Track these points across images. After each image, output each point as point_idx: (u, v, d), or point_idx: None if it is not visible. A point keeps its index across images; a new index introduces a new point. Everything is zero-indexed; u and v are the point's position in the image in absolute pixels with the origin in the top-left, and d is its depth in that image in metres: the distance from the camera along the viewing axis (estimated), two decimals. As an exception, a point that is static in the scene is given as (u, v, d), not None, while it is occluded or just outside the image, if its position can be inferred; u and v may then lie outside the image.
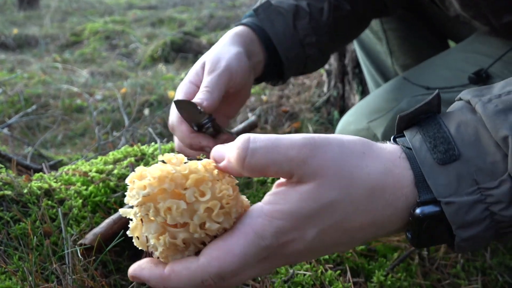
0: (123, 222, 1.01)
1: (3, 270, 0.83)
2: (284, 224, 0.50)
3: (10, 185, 0.99)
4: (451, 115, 0.55)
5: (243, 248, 0.49)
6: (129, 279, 0.89)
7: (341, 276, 0.96)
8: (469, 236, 0.51)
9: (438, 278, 1.05)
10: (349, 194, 0.51)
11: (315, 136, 0.52)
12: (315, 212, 0.50)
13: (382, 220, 0.53)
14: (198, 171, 0.50)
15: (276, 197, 0.51)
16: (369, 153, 0.53)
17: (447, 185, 0.50)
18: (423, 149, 0.52)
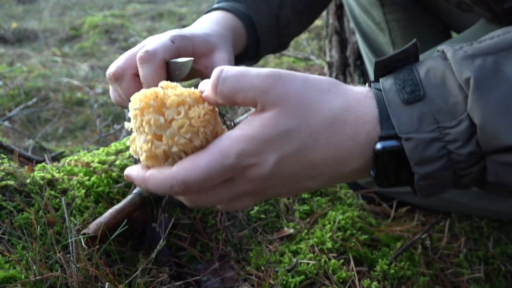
0: (126, 212, 1.01)
1: (7, 259, 0.83)
2: (246, 147, 0.54)
3: (13, 175, 0.99)
4: (424, 62, 0.57)
5: (207, 163, 0.54)
6: (132, 268, 0.89)
7: (344, 265, 0.96)
8: (426, 173, 0.53)
9: (441, 267, 1.05)
10: (308, 125, 0.54)
11: (281, 70, 0.56)
12: (273, 137, 0.54)
13: (344, 155, 0.56)
14: (181, 95, 0.58)
15: (243, 124, 0.56)
16: (334, 90, 0.57)
17: (409, 123, 0.53)
18: (392, 90, 0.55)
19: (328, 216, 1.10)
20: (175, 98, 0.57)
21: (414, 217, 1.24)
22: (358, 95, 0.57)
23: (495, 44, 0.54)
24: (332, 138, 0.55)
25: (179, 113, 0.56)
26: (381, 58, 0.59)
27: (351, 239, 1.04)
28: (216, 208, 1.15)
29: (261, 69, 0.56)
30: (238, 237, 1.10)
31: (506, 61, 0.52)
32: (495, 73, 0.51)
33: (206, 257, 1.08)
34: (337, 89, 0.57)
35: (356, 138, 0.55)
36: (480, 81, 0.51)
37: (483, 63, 0.52)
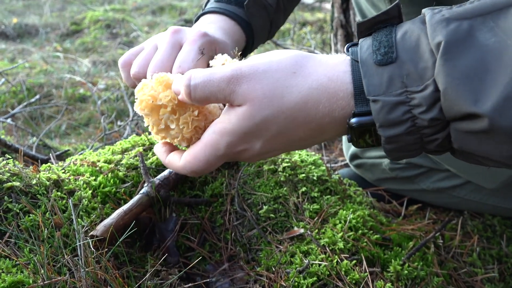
0: (134, 213, 1.00)
1: (15, 263, 0.81)
2: (231, 139, 0.60)
3: (18, 176, 0.97)
4: (404, 24, 0.56)
5: (204, 156, 0.63)
6: (141, 270, 0.87)
7: (357, 266, 0.95)
8: (391, 136, 0.54)
9: (454, 266, 1.04)
10: (282, 112, 0.57)
11: (242, 66, 0.58)
12: (252, 128, 0.59)
13: (322, 127, 0.59)
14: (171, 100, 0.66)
15: (223, 117, 0.61)
16: (300, 71, 0.57)
17: (379, 85, 0.53)
18: (368, 52, 0.55)
19: (338, 215, 1.08)
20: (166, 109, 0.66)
21: (425, 215, 1.22)
22: (329, 72, 0.57)
23: (472, 8, 0.52)
24: (309, 116, 0.58)
25: (172, 122, 0.67)
26: (362, 20, 0.58)
27: (362, 239, 1.02)
28: (225, 207, 1.13)
29: (224, 70, 0.59)
30: (247, 237, 1.08)
31: (481, 27, 0.50)
32: (467, 38, 0.50)
33: (215, 257, 1.06)
34: (303, 70, 0.57)
35: (331, 114, 0.57)
36: (450, 46, 0.50)
37: (457, 27, 0.50)
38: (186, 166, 0.65)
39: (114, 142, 1.84)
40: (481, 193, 1.17)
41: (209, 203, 1.14)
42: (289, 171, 1.20)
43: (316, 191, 1.15)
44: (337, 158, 1.71)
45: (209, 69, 0.61)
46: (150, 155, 1.19)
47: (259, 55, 0.61)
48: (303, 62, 0.58)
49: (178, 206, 1.12)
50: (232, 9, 0.98)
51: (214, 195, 1.15)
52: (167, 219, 1.08)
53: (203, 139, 0.63)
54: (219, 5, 0.98)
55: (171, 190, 1.12)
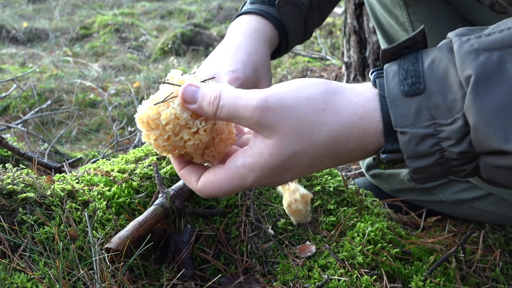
0: (149, 224, 0.98)
1: (29, 277, 0.80)
2: (262, 174, 0.59)
3: (33, 187, 0.96)
4: (431, 51, 0.55)
5: (228, 187, 0.61)
6: (156, 283, 0.85)
7: (377, 282, 0.92)
8: (418, 167, 0.54)
9: (477, 282, 1.01)
10: (313, 147, 0.56)
11: (269, 98, 0.56)
12: (283, 163, 0.57)
13: (351, 159, 0.60)
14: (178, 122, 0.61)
15: (253, 151, 0.59)
16: (330, 109, 0.56)
17: (406, 116, 0.52)
18: (394, 81, 0.54)
19: (356, 228, 1.05)
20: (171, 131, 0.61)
21: (444, 227, 1.19)
22: (359, 109, 0.56)
23: (502, 38, 0.50)
24: (339, 152, 0.57)
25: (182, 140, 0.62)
26: (388, 46, 0.57)
27: (382, 253, 0.99)
28: (240, 218, 1.11)
29: (251, 98, 0.57)
30: (263, 249, 1.06)
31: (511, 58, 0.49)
32: (497, 71, 0.49)
33: (230, 270, 1.04)
34: (333, 107, 0.56)
35: (361, 149, 0.57)
36: (480, 80, 0.48)
37: (487, 59, 0.49)
38: (204, 191, 0.63)
39: (125, 148, 1.83)
40: (502, 205, 1.14)
41: (224, 214, 1.12)
42: (305, 182, 1.17)
43: (332, 202, 1.13)
44: (351, 166, 1.68)
45: (237, 91, 0.59)
46: (164, 165, 1.18)
47: (286, 85, 0.58)
48: (333, 99, 0.57)
49: (193, 217, 1.10)
50: (265, 8, 1.00)
51: (229, 205, 1.13)
52: (181, 230, 1.06)
53: (229, 170, 0.61)
54: (253, 6, 1.01)
55: (186, 201, 1.10)
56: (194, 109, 0.60)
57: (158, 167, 1.12)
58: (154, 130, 0.61)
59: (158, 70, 3.48)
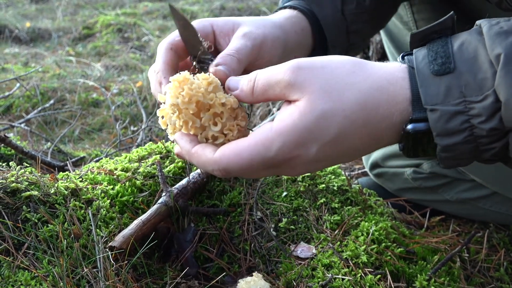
0: (152, 223, 0.98)
1: (33, 275, 0.80)
2: (289, 139, 0.56)
3: (36, 185, 0.96)
4: (460, 35, 0.57)
5: (249, 155, 0.57)
6: (160, 282, 0.85)
7: (381, 281, 0.92)
8: (447, 145, 0.54)
9: (481, 282, 1.00)
10: (342, 109, 0.55)
11: (300, 61, 0.58)
12: (312, 125, 0.55)
13: (379, 132, 0.58)
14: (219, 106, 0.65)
15: (281, 115, 0.58)
16: (360, 71, 0.57)
17: (436, 94, 0.53)
18: (424, 62, 0.55)
19: (360, 227, 1.05)
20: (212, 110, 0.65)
21: (448, 226, 1.19)
22: (388, 75, 0.57)
23: None
24: (368, 119, 0.56)
25: (215, 124, 0.65)
26: (417, 30, 0.58)
27: (386, 252, 0.99)
28: (243, 217, 1.11)
29: (283, 65, 0.59)
30: (266, 248, 1.06)
31: None
32: None
33: (233, 268, 1.04)
34: (363, 70, 0.58)
35: (390, 117, 0.57)
36: (511, 58, 0.50)
37: None
38: (222, 160, 0.59)
39: (127, 147, 1.83)
40: (507, 205, 1.13)
41: (228, 213, 1.11)
42: (309, 181, 1.17)
43: (336, 201, 1.13)
44: (354, 166, 1.68)
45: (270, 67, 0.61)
46: (167, 164, 1.18)
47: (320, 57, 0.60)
48: (362, 64, 0.58)
49: (196, 216, 1.10)
50: (293, 2, 0.94)
51: (232, 204, 1.13)
52: (185, 229, 1.06)
53: (253, 136, 0.59)
54: (281, 5, 0.96)
55: (189, 200, 1.10)
56: (237, 93, 0.64)
57: (161, 166, 1.11)
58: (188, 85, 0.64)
59: (160, 69, 3.47)
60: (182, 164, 1.17)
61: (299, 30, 0.90)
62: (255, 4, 6.10)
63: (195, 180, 1.11)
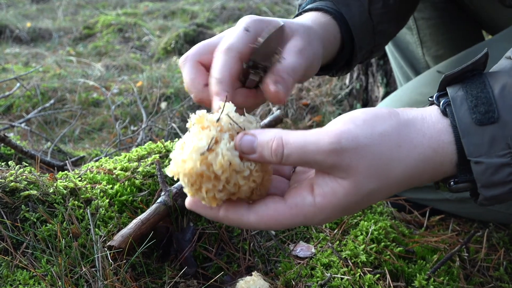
0: (151, 222, 0.98)
1: (32, 274, 0.80)
2: (332, 213, 0.56)
3: (35, 184, 0.96)
4: (497, 75, 0.55)
5: (289, 223, 0.57)
6: (159, 281, 0.85)
7: (380, 280, 0.92)
8: (492, 196, 0.54)
9: (481, 281, 1.00)
10: (388, 185, 0.55)
11: (341, 140, 0.53)
12: (357, 202, 0.55)
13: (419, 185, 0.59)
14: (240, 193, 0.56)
15: (323, 189, 0.55)
16: (405, 144, 0.55)
17: (480, 145, 0.52)
18: (463, 108, 0.54)
19: (360, 227, 1.05)
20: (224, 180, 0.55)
21: (448, 226, 1.19)
22: (433, 143, 0.55)
23: None
24: (412, 184, 0.57)
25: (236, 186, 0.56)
26: (450, 73, 0.56)
27: (385, 252, 0.99)
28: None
29: (320, 141, 0.53)
30: (265, 247, 1.06)
31: None
32: None
33: (232, 268, 1.04)
34: (408, 142, 0.55)
35: (432, 178, 0.58)
36: None
37: None
38: (260, 225, 0.57)
39: (127, 147, 1.83)
40: (507, 204, 1.13)
41: (227, 212, 1.11)
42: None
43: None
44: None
45: (301, 135, 0.54)
46: (166, 163, 1.18)
47: (353, 119, 0.55)
48: (406, 133, 0.55)
49: (195, 215, 1.10)
50: (317, 4, 0.88)
51: (231, 204, 1.13)
52: (184, 228, 1.06)
53: (294, 207, 0.56)
54: (306, 7, 0.90)
55: (188, 199, 1.10)
56: (255, 159, 0.56)
57: (160, 165, 1.11)
58: (206, 183, 0.54)
59: (161, 69, 3.48)
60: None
61: (332, 38, 0.86)
62: (255, 3, 6.10)
63: (194, 179, 1.10)
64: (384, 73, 2.00)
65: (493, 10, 1.33)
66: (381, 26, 0.97)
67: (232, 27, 0.74)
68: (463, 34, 1.47)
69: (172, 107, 2.40)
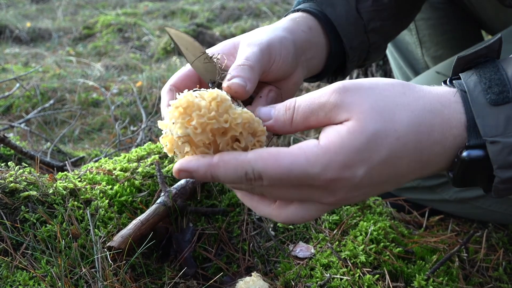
0: (151, 223, 0.98)
1: (31, 275, 0.80)
2: (336, 158, 0.51)
3: (35, 185, 0.96)
4: (510, 60, 0.54)
5: (290, 163, 0.51)
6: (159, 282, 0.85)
7: (380, 281, 0.92)
8: (508, 178, 0.52)
9: (480, 281, 1.00)
10: (394, 130, 0.52)
11: (345, 82, 0.54)
12: (363, 145, 0.51)
13: (429, 158, 0.54)
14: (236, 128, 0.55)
15: (327, 133, 0.53)
16: (410, 93, 0.54)
17: (495, 125, 0.51)
18: (477, 90, 0.53)
19: (359, 227, 1.05)
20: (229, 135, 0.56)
21: (447, 226, 1.19)
22: (441, 98, 0.54)
23: None
24: (420, 142, 0.53)
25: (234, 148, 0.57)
26: (463, 54, 0.56)
27: (384, 252, 0.99)
28: (242, 217, 1.11)
29: (326, 88, 0.55)
30: (265, 248, 1.06)
31: None
32: None
33: (232, 268, 1.04)
34: (413, 91, 0.54)
35: (443, 142, 0.53)
36: None
37: None
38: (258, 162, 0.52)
39: (127, 147, 1.83)
40: (506, 204, 1.13)
41: (226, 213, 1.11)
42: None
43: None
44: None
45: (310, 92, 0.56)
46: (166, 163, 1.18)
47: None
48: (411, 86, 0.55)
49: (195, 216, 1.10)
50: (303, 5, 0.88)
51: (231, 204, 1.13)
52: (184, 229, 1.06)
53: (297, 147, 0.53)
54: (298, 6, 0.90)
55: (188, 200, 1.10)
56: (270, 124, 0.58)
57: (160, 166, 1.12)
58: (197, 111, 0.54)
59: (160, 69, 3.48)
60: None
61: (306, 29, 0.84)
62: (255, 3, 6.10)
63: (194, 180, 1.11)
64: (384, 73, 2.00)
65: (493, 10, 1.33)
66: (374, 24, 0.96)
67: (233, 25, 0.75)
68: (462, 34, 1.47)
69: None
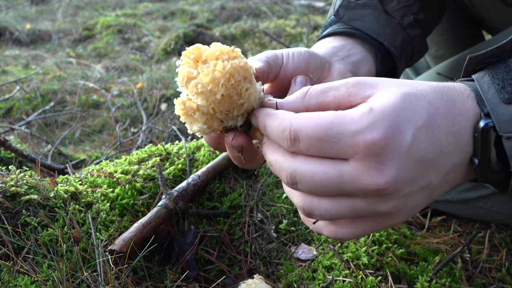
0: (152, 226, 0.98)
1: (33, 279, 0.79)
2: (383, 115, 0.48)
3: (36, 189, 0.96)
4: None
5: (330, 123, 0.49)
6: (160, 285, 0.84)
7: (382, 282, 0.91)
8: None
9: (483, 282, 1.00)
10: (423, 94, 0.52)
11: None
12: (400, 103, 0.50)
13: (459, 131, 0.53)
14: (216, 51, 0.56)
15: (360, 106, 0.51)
16: (423, 83, 0.55)
17: (510, 121, 0.52)
18: (491, 91, 0.54)
19: (361, 228, 1.05)
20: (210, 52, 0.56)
21: (449, 227, 1.18)
22: (451, 88, 0.56)
23: None
24: (448, 108, 0.53)
25: (209, 66, 0.55)
26: (474, 54, 0.57)
27: (387, 253, 0.99)
28: (244, 219, 1.11)
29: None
30: (267, 250, 1.05)
31: None
32: None
33: (234, 271, 1.04)
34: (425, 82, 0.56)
35: (465, 113, 0.54)
36: None
37: None
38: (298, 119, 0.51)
39: (128, 149, 1.83)
40: (508, 205, 1.13)
41: (228, 215, 1.11)
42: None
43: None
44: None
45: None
46: (167, 166, 1.17)
47: None
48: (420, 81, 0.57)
49: (197, 218, 1.10)
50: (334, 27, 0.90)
51: (232, 206, 1.13)
52: (185, 232, 1.06)
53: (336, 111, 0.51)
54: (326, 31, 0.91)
55: (189, 202, 1.10)
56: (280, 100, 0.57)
57: (161, 168, 1.11)
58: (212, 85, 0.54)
59: (161, 70, 3.48)
60: (182, 166, 1.17)
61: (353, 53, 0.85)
62: (255, 4, 6.09)
63: (195, 182, 1.10)
64: (384, 73, 2.00)
65: (494, 9, 1.32)
66: (408, 19, 0.95)
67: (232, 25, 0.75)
68: (463, 34, 1.47)
69: (172, 109, 2.40)
